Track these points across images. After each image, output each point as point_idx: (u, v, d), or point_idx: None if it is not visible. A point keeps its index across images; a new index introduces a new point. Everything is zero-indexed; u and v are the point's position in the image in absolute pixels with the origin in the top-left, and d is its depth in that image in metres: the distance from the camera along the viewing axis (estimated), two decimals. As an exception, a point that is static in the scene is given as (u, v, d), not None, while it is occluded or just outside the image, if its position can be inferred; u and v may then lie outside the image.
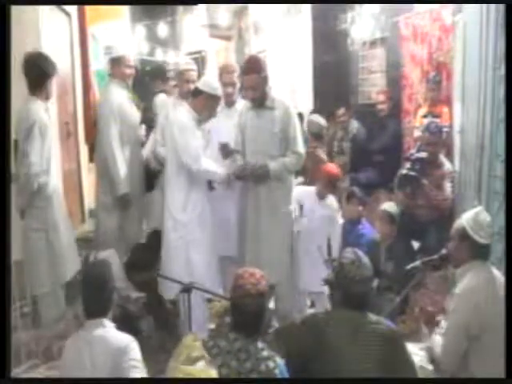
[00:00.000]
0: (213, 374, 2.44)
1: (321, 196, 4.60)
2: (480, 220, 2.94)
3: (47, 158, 3.96)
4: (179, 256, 4.11)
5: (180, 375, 2.41)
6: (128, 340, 2.73)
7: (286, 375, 2.57)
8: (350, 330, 2.63)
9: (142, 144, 5.11)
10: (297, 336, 2.80)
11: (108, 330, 2.74)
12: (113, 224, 4.85)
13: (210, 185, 4.22)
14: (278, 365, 2.54)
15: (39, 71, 3.97)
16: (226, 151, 4.30)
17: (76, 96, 6.31)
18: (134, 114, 4.99)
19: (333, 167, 4.86)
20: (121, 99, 4.82)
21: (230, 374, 2.50)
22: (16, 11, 3.51)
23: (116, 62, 4.92)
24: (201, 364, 2.47)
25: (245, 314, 2.57)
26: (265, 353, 2.56)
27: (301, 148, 4.23)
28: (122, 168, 4.72)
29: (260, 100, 4.17)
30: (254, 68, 4.12)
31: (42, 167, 3.89)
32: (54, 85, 4.21)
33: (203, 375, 2.41)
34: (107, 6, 6.54)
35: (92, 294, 2.76)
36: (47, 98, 4.11)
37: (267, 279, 2.67)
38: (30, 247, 4.05)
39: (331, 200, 4.66)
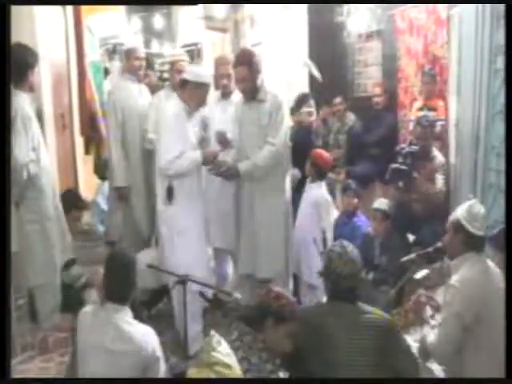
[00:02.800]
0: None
1: (310, 180, 4.60)
2: (474, 212, 2.96)
3: (35, 149, 3.92)
4: (168, 248, 4.11)
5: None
6: (148, 332, 2.75)
7: None
8: (344, 321, 2.65)
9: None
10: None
11: (128, 319, 2.75)
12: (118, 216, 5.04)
13: (169, 197, 4.07)
14: None
15: (18, 62, 3.79)
16: (222, 141, 4.30)
17: (71, 88, 6.28)
18: (142, 107, 5.01)
19: (322, 153, 4.73)
20: (127, 93, 4.88)
21: (248, 370, 2.54)
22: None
23: (126, 55, 4.98)
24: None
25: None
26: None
27: (276, 139, 4.09)
28: (116, 161, 4.86)
29: (251, 93, 4.16)
30: (243, 60, 4.10)
31: (28, 158, 3.85)
32: (38, 75, 4.11)
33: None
34: (106, 5, 6.50)
35: (117, 278, 2.77)
36: (31, 89, 4.00)
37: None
38: (25, 239, 4.03)
39: (319, 185, 4.62)
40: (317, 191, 4.52)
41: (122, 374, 2.64)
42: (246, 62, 4.09)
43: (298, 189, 4.73)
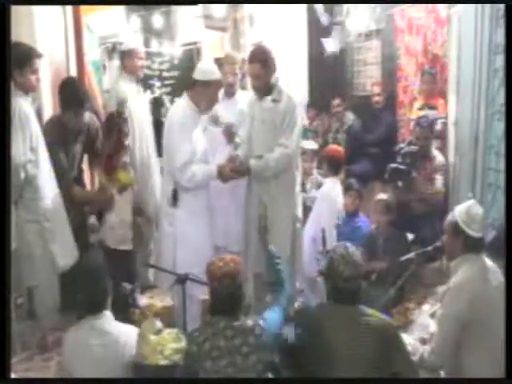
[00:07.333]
0: (181, 337, 2.52)
1: (323, 175, 4.70)
2: (472, 213, 2.96)
3: (34, 149, 3.91)
4: (168, 250, 4.11)
5: (149, 347, 2.47)
6: (132, 332, 2.75)
7: (277, 324, 2.65)
8: (343, 323, 2.65)
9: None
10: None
11: (110, 322, 2.75)
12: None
13: (174, 199, 4.10)
14: (263, 329, 2.59)
15: (13, 60, 3.72)
16: (229, 133, 4.30)
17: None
18: (142, 107, 5.01)
19: (337, 148, 4.94)
20: (128, 94, 4.87)
21: (221, 356, 2.53)
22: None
23: (127, 55, 4.97)
24: (166, 331, 2.55)
25: (217, 296, 2.62)
26: (249, 322, 2.60)
27: (289, 141, 4.06)
28: None
29: (264, 91, 4.12)
30: (257, 57, 4.08)
31: (25, 158, 3.84)
32: (37, 74, 4.08)
33: (171, 340, 2.48)
34: (106, 5, 6.49)
35: (88, 286, 2.77)
36: (30, 89, 3.97)
37: (239, 262, 2.71)
38: (23, 238, 4.02)
39: (331, 181, 4.71)
40: (327, 187, 4.63)
41: (114, 376, 2.64)
42: (260, 59, 4.05)
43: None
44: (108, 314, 2.78)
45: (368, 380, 2.56)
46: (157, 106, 6.47)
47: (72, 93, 4.37)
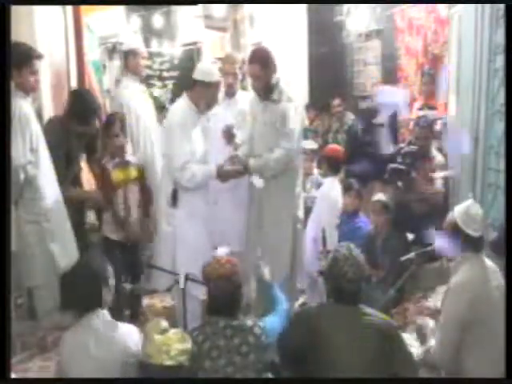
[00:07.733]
0: (186, 338, 2.49)
1: (322, 174, 4.71)
2: (472, 213, 2.96)
3: (34, 150, 3.90)
4: (167, 251, 4.10)
5: (154, 347, 2.45)
6: (131, 332, 2.75)
7: (276, 329, 2.71)
8: (344, 323, 2.65)
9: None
10: (291, 332, 2.81)
11: (108, 322, 2.75)
12: None
13: (174, 199, 4.09)
14: (263, 328, 2.63)
15: (12, 62, 3.69)
16: (228, 135, 4.30)
17: (71, 87, 6.26)
18: (146, 106, 5.01)
19: (336, 148, 4.97)
20: (132, 94, 4.87)
21: (220, 355, 2.55)
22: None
23: (130, 55, 4.96)
24: (171, 331, 2.52)
25: (213, 297, 2.66)
26: (249, 322, 2.63)
27: (289, 143, 4.03)
28: None
29: (263, 92, 4.11)
30: (257, 58, 4.07)
31: (25, 159, 3.84)
32: (37, 74, 4.07)
33: (177, 340, 2.46)
34: (106, 5, 6.49)
35: (88, 286, 2.77)
36: (30, 89, 3.96)
37: (236, 263, 2.72)
38: (23, 239, 4.02)
39: (330, 181, 4.71)
40: (326, 187, 4.63)
41: (113, 375, 2.64)
42: (259, 60, 4.04)
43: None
44: (106, 314, 2.77)
45: (368, 380, 2.56)
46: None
47: (85, 105, 4.40)
